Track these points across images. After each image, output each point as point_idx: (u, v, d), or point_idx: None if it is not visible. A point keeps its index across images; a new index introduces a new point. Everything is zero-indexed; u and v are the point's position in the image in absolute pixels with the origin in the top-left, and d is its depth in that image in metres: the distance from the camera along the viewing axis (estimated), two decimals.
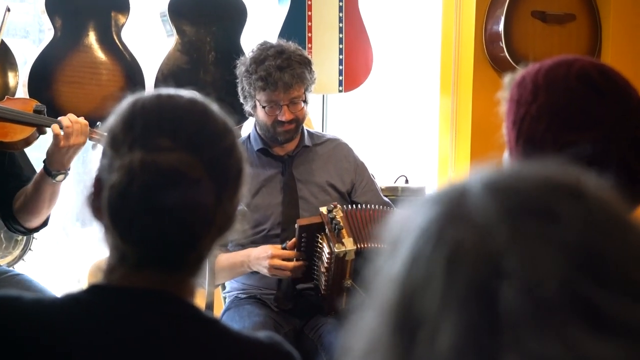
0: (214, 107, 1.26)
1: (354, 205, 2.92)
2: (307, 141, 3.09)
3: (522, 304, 0.61)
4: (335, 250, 2.75)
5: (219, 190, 1.19)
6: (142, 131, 1.19)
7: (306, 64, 2.95)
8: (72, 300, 1.19)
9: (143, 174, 1.15)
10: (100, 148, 1.24)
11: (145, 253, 1.18)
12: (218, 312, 3.17)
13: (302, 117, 2.99)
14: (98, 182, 1.21)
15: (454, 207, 0.67)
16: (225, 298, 3.15)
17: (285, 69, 2.89)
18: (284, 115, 2.93)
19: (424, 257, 0.65)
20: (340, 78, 3.96)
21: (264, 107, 2.95)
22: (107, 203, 1.17)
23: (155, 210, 1.15)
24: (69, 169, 2.70)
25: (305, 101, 2.97)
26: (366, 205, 2.93)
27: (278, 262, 2.83)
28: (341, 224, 2.79)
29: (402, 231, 0.69)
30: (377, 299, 0.68)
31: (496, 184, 0.67)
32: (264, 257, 2.85)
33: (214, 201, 1.18)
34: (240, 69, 2.98)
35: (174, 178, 1.16)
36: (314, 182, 3.06)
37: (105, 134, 1.23)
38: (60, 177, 2.68)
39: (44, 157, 2.71)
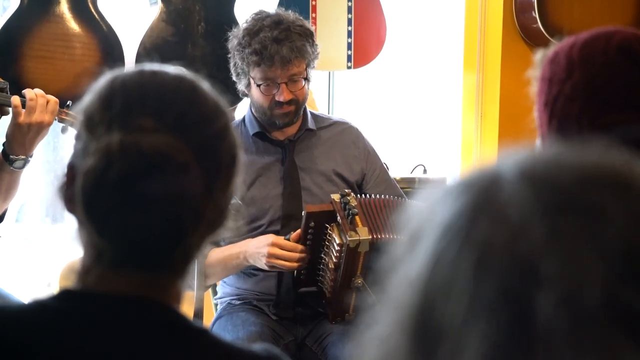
0: (204, 84, 1.27)
1: (368, 195, 2.93)
2: (310, 124, 3.08)
3: (560, 314, 0.61)
4: (348, 238, 2.75)
5: (209, 179, 1.20)
6: (121, 110, 1.19)
7: (307, 35, 2.94)
8: (41, 308, 1.20)
9: (122, 157, 1.15)
10: (71, 132, 1.25)
11: (125, 250, 1.18)
12: (208, 320, 3.17)
13: (302, 98, 2.98)
14: (71, 169, 1.21)
15: (485, 198, 0.66)
16: (216, 304, 3.16)
17: (283, 42, 2.88)
18: (282, 95, 2.92)
19: (449, 257, 0.65)
20: (349, 52, 3.96)
21: (259, 86, 2.94)
22: (81, 192, 1.17)
23: (135, 199, 1.15)
24: (30, 156, 2.68)
25: (306, 79, 2.96)
26: (383, 195, 2.93)
27: (279, 251, 2.83)
28: (356, 209, 2.79)
29: (424, 225, 0.68)
30: (392, 303, 0.67)
31: (534, 173, 0.66)
32: (263, 244, 2.85)
33: (204, 191, 1.19)
34: (233, 42, 2.97)
35: (157, 163, 1.16)
36: (319, 171, 3.06)
37: (80, 114, 1.24)
38: (18, 164, 2.65)
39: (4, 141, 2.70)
